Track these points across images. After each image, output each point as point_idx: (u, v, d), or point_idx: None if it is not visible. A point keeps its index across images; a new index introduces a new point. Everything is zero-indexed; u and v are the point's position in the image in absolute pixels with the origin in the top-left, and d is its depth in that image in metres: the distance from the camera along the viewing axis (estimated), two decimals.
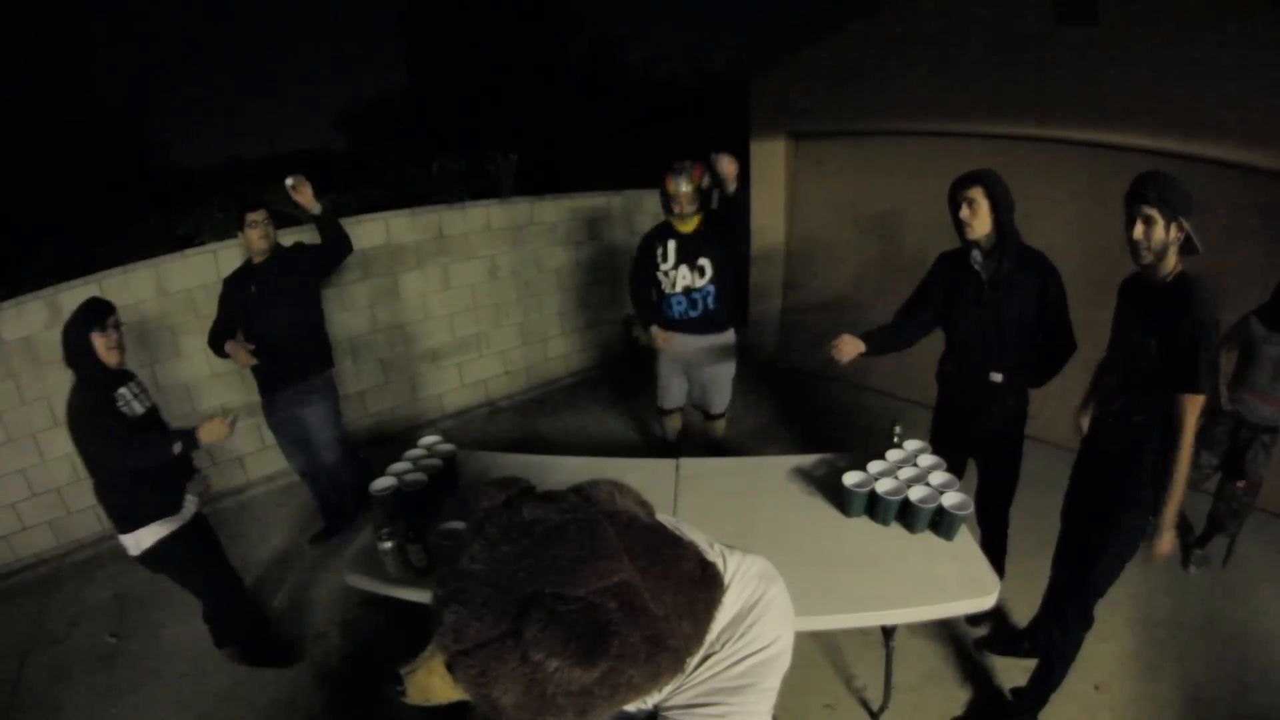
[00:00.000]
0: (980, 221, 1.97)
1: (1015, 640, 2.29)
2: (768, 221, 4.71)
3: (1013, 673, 2.16)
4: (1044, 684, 1.94)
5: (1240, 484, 2.48)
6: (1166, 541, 1.70)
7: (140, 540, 2.07)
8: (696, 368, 3.13)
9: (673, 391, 3.25)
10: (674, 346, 3.03)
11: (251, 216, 2.69)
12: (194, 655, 2.45)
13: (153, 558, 2.11)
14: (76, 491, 3.12)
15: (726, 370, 3.15)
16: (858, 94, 3.90)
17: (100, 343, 1.97)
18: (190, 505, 2.18)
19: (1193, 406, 1.60)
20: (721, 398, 3.23)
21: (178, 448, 2.03)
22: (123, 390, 2.05)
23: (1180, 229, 1.58)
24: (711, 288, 2.90)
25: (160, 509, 2.08)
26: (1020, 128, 3.29)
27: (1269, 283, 2.57)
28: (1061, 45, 3.05)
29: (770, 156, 4.54)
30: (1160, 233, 1.59)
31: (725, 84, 6.81)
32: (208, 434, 2.07)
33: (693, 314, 2.95)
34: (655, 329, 3.04)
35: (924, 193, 3.90)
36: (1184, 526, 2.70)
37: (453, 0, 10.60)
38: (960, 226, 2.02)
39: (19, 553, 3.05)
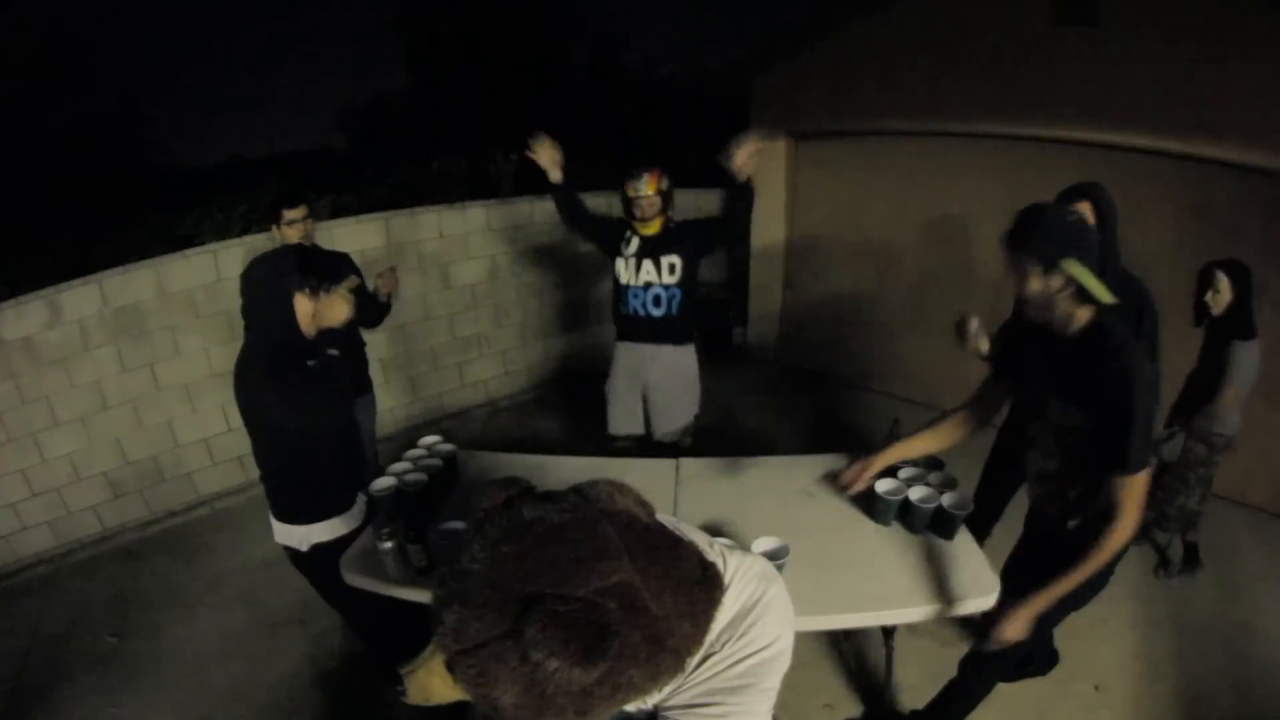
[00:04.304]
0: None
1: None
2: (768, 221, 4.71)
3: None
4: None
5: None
6: (1013, 630, 1.43)
7: (301, 536, 1.81)
8: (655, 386, 2.76)
9: (621, 413, 2.85)
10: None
11: (290, 214, 2.33)
12: (194, 655, 2.46)
13: (307, 560, 1.85)
14: (76, 491, 3.13)
15: (690, 392, 2.80)
16: (858, 94, 3.90)
17: (305, 308, 1.59)
18: (361, 505, 1.95)
19: (1130, 492, 1.29)
20: (675, 421, 2.80)
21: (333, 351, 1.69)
22: (312, 365, 1.68)
23: (1062, 276, 1.30)
24: (678, 291, 2.63)
25: (332, 506, 1.83)
26: (1020, 128, 3.30)
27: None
28: (1061, 45, 3.05)
29: (770, 156, 4.54)
30: (1037, 283, 1.33)
31: (725, 84, 6.79)
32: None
33: (655, 312, 2.65)
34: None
35: (925, 192, 3.91)
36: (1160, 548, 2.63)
37: (453, 0, 10.61)
38: None
39: (19, 553, 3.05)
